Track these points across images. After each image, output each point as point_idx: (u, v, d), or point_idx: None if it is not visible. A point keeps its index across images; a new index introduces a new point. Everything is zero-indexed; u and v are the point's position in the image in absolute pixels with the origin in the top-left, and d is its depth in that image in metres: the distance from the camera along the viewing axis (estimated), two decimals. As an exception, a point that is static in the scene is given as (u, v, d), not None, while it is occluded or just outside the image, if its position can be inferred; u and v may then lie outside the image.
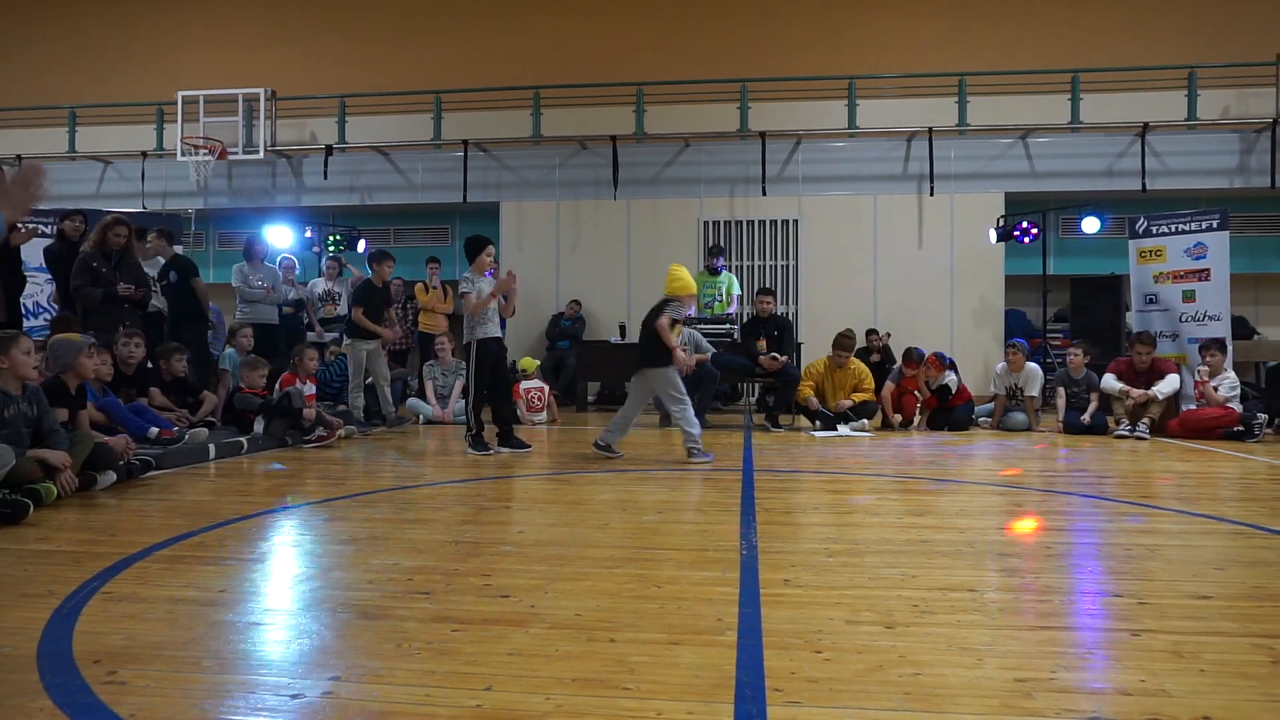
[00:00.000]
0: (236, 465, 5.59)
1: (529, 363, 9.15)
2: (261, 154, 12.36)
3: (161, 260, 7.94)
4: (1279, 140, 10.97)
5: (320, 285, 10.15)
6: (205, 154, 12.07)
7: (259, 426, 6.57)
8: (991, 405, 8.48)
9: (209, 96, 12.36)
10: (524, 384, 8.74)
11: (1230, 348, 8.12)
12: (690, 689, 1.85)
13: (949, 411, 8.19)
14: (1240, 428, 7.27)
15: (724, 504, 4.13)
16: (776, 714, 1.72)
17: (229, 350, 7.67)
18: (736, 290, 10.23)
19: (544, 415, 8.71)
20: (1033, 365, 8.33)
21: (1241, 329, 10.86)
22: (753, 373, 8.58)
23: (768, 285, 11.15)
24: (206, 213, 12.99)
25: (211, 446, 5.78)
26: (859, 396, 8.11)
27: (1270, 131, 10.99)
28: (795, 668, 1.96)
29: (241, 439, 6.20)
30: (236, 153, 12.30)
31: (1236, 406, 7.45)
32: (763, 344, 8.46)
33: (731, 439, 7.32)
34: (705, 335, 8.77)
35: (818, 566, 2.91)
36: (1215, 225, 8.53)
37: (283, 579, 2.81)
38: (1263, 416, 7.41)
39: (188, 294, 7.66)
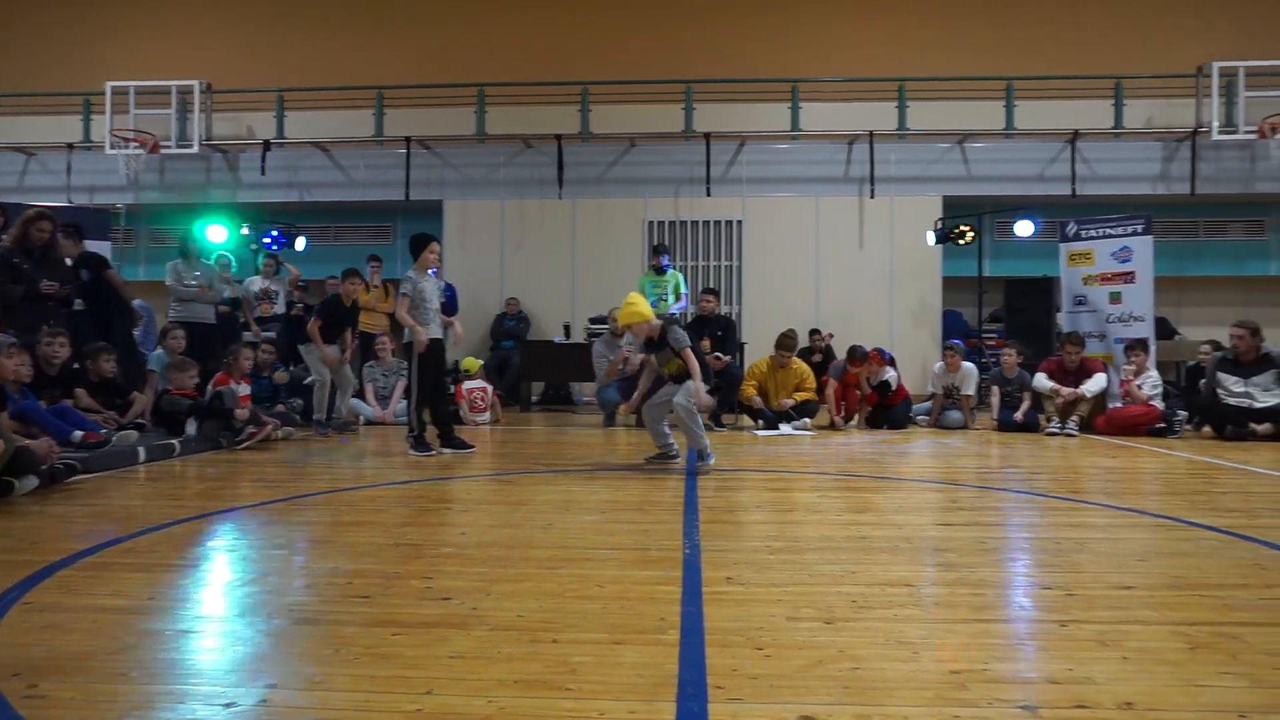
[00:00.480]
0: (168, 468, 5.43)
1: (472, 363, 9.06)
2: (196, 148, 12.02)
3: (69, 260, 7.59)
4: (1199, 149, 11.45)
5: (257, 283, 9.90)
6: (136, 147, 11.68)
7: (191, 428, 6.39)
8: (929, 404, 8.68)
9: (140, 88, 11.97)
10: (467, 384, 8.66)
11: (1153, 348, 8.43)
12: (632, 688, 1.85)
13: (888, 410, 8.35)
14: (1162, 425, 7.57)
15: (667, 503, 4.15)
16: (718, 711, 1.73)
17: (158, 352, 7.40)
18: (684, 289, 10.27)
19: (487, 416, 8.64)
20: (969, 365, 8.54)
21: (1164, 330, 11.30)
22: (697, 372, 8.61)
23: (711, 285, 11.23)
24: (137, 208, 12.57)
25: (141, 449, 5.59)
26: (801, 396, 8.21)
27: (1190, 141, 11.46)
28: (737, 665, 1.98)
29: (173, 441, 6.02)
30: (169, 146, 11.94)
31: (1159, 404, 7.75)
32: (706, 344, 8.51)
33: (674, 438, 7.33)
34: (650, 335, 8.78)
35: (759, 564, 2.95)
36: (1140, 230, 8.84)
37: (216, 585, 2.74)
38: (1183, 414, 7.74)
39: (105, 289, 7.39)
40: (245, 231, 11.13)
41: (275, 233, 11.09)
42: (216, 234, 10.78)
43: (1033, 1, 12.87)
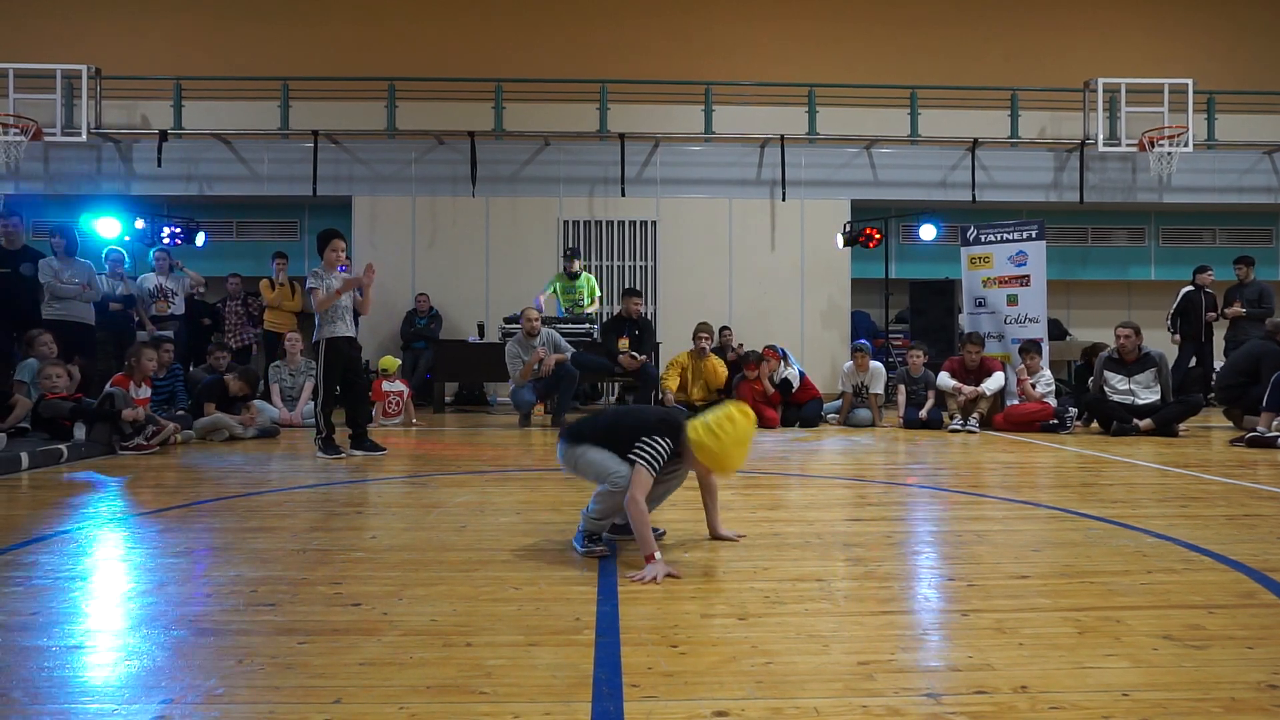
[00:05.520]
0: (54, 475, 5.13)
1: (390, 362, 8.81)
2: (84, 136, 11.36)
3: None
4: (1086, 160, 12.09)
5: (151, 280, 9.46)
6: (16, 134, 10.97)
7: (80, 432, 6.05)
8: (839, 403, 8.91)
9: (20, 70, 11.26)
10: (384, 385, 8.47)
11: (1046, 348, 8.86)
12: (548, 690, 1.84)
13: (799, 408, 8.54)
14: (1055, 421, 7.96)
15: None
16: (633, 710, 1.74)
17: (30, 361, 6.81)
18: (597, 292, 10.30)
19: (400, 417, 8.46)
20: (876, 364, 8.80)
21: (1056, 330, 11.90)
22: (612, 372, 8.66)
23: (628, 285, 11.27)
24: (18, 199, 11.80)
25: (24, 455, 5.27)
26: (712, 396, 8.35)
27: (1079, 152, 12.10)
28: (652, 663, 2.00)
29: (60, 446, 5.69)
30: (54, 134, 11.26)
31: (1052, 402, 8.14)
32: (624, 343, 8.55)
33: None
34: (564, 335, 8.77)
35: (674, 561, 2.97)
36: (1034, 235, 9.28)
37: (108, 597, 2.60)
38: (1073, 410, 8.15)
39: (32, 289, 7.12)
40: (140, 226, 10.60)
41: (173, 228, 10.60)
42: (108, 228, 10.24)
43: (936, 14, 13.38)
